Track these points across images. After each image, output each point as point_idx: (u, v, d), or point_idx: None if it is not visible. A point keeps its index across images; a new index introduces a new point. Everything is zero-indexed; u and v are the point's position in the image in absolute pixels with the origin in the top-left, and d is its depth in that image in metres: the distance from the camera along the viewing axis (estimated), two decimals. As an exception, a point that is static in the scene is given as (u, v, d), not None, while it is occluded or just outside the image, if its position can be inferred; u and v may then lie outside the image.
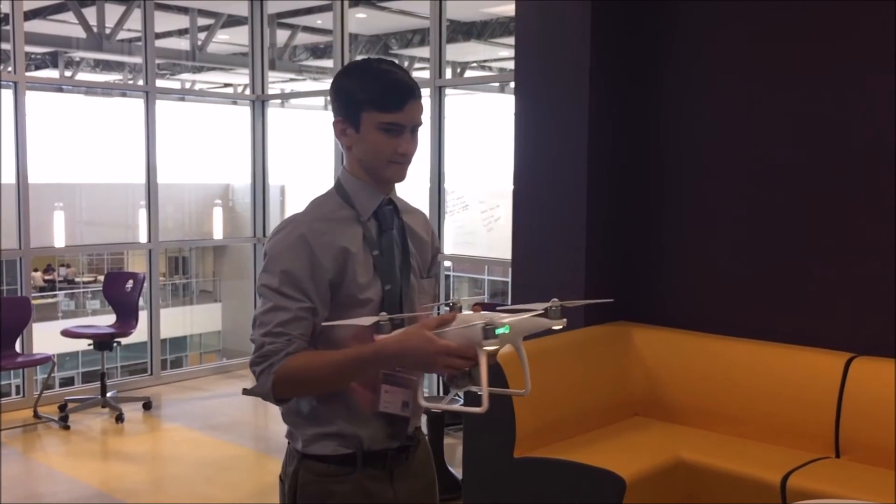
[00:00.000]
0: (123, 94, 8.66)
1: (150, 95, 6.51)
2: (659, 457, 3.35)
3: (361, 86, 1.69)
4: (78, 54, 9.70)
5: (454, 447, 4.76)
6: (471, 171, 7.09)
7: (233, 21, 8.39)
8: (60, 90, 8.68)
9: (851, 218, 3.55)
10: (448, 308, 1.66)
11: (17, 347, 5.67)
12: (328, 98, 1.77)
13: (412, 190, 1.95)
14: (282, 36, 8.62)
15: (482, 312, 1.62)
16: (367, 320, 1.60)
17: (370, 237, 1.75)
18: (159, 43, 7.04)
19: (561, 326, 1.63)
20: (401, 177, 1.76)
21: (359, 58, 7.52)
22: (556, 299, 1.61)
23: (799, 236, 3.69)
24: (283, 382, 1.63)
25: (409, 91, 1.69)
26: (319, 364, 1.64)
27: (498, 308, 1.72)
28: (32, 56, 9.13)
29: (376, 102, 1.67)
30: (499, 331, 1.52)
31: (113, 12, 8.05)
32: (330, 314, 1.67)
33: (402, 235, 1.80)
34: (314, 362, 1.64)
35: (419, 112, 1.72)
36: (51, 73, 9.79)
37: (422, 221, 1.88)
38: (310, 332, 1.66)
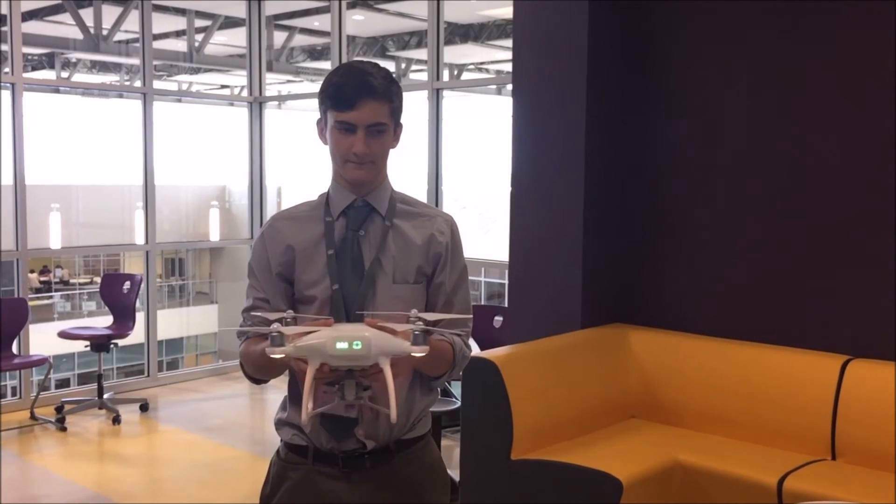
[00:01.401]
0: (120, 96, 8.66)
1: (147, 97, 6.51)
2: (656, 459, 3.36)
3: (326, 85, 1.73)
4: (75, 55, 9.69)
5: (451, 449, 4.76)
6: (468, 172, 7.09)
7: (230, 22, 8.39)
8: (57, 91, 8.67)
9: (848, 220, 3.55)
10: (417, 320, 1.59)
11: (14, 349, 5.67)
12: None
13: (410, 191, 1.93)
14: (279, 37, 8.62)
15: (355, 325, 1.57)
16: (273, 315, 1.63)
17: (329, 236, 1.75)
18: (156, 44, 7.04)
19: (421, 354, 1.52)
20: (358, 177, 1.73)
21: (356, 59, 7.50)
22: (420, 322, 1.53)
23: (796, 239, 3.70)
24: (242, 363, 1.79)
25: (363, 90, 1.67)
26: (254, 350, 1.73)
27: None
28: (29, 57, 9.11)
29: (332, 101, 1.70)
30: (339, 345, 1.47)
31: (110, 13, 8.04)
32: (293, 307, 1.76)
33: (383, 238, 1.76)
34: (254, 348, 1.73)
35: (378, 113, 1.69)
36: (47, 75, 9.78)
37: (425, 227, 1.80)
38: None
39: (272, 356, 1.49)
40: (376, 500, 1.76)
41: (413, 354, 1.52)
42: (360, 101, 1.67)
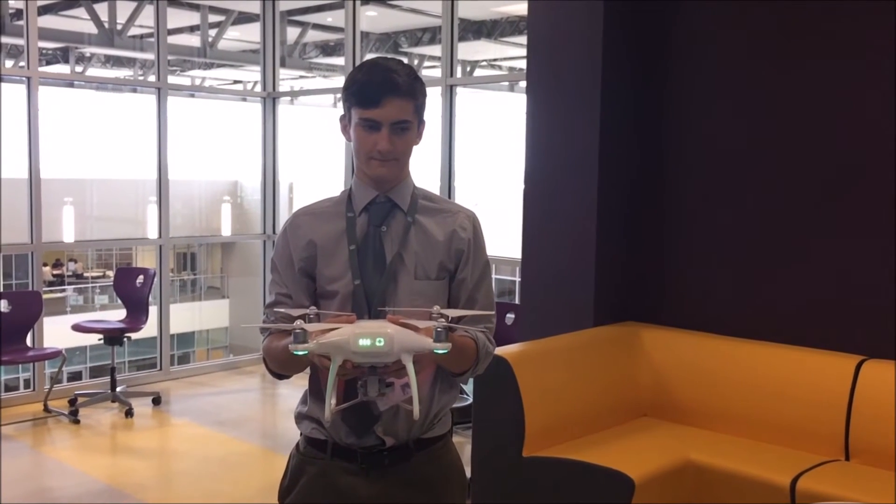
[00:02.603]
0: (134, 90, 8.68)
1: (161, 92, 6.53)
2: (668, 457, 3.35)
3: (350, 83, 1.73)
4: (89, 50, 9.73)
5: (463, 445, 4.76)
6: (481, 169, 7.09)
7: (244, 18, 8.40)
8: (72, 86, 8.70)
9: (864, 220, 3.54)
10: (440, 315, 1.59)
11: (28, 341, 5.70)
12: (337, 96, 1.78)
13: (424, 187, 1.92)
14: (292, 33, 8.63)
15: (378, 321, 1.56)
16: (296, 312, 1.63)
17: (351, 232, 1.76)
18: (170, 39, 7.06)
19: (444, 351, 1.51)
20: (382, 174, 1.74)
21: (369, 55, 7.55)
22: (443, 319, 1.52)
23: (811, 238, 3.68)
24: (265, 358, 1.79)
25: (387, 87, 1.67)
26: (277, 345, 1.73)
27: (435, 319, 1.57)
28: (44, 51, 9.15)
29: (356, 98, 1.70)
30: (362, 342, 1.47)
31: (125, 8, 8.07)
32: (317, 303, 1.76)
33: (405, 234, 1.76)
34: (277, 343, 1.73)
35: (402, 111, 1.69)
36: (62, 69, 9.81)
37: (447, 223, 1.80)
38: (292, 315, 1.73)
39: (295, 353, 1.49)
40: (393, 498, 1.76)
41: (436, 352, 1.51)
42: (385, 99, 1.67)
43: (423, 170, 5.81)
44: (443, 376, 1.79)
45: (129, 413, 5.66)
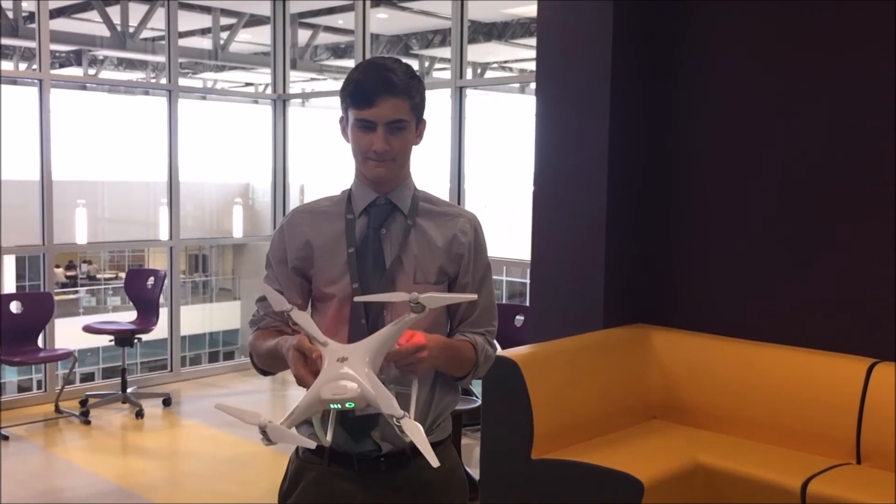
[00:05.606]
0: (146, 93, 8.72)
1: (172, 94, 6.56)
2: (677, 460, 3.34)
3: (346, 83, 1.72)
4: (102, 52, 9.78)
5: (472, 448, 4.76)
6: (491, 171, 7.08)
7: (255, 20, 8.43)
8: (84, 88, 8.76)
9: (875, 222, 3.51)
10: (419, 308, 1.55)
11: (39, 342, 5.73)
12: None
13: (433, 190, 1.91)
14: (303, 35, 8.65)
15: (339, 371, 1.51)
16: (279, 306, 1.62)
17: (350, 234, 1.74)
18: (182, 42, 7.10)
19: (409, 425, 1.44)
20: (379, 174, 1.72)
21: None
22: (419, 304, 1.47)
23: (822, 240, 3.66)
24: (251, 353, 1.79)
25: (381, 87, 1.65)
26: (261, 345, 1.73)
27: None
28: (56, 54, 9.20)
29: (352, 99, 1.69)
30: (332, 406, 1.48)
31: (137, 11, 8.11)
32: (312, 304, 1.77)
33: (405, 237, 1.74)
34: (262, 342, 1.73)
35: (397, 110, 1.67)
36: (75, 71, 9.87)
37: (447, 227, 1.77)
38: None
39: (268, 446, 1.50)
40: (390, 503, 1.74)
41: (396, 423, 1.45)
42: (380, 99, 1.66)
43: (433, 172, 5.82)
44: (442, 380, 1.77)
45: (139, 414, 5.68)
